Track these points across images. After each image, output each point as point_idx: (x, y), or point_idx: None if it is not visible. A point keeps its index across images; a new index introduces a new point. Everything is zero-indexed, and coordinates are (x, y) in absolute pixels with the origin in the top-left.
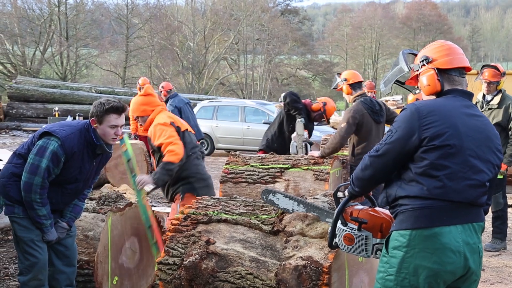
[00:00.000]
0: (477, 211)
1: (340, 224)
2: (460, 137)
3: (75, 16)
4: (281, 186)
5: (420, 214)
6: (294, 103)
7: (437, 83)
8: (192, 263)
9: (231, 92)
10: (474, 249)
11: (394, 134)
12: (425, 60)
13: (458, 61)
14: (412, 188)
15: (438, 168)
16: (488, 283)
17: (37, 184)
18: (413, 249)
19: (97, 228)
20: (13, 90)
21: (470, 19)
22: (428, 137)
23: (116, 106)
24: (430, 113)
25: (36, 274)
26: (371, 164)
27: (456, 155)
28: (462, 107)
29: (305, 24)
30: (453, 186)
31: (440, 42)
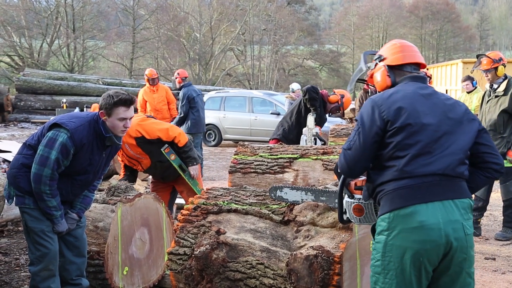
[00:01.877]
0: (457, 187)
1: (347, 198)
2: (418, 115)
3: (82, 8)
4: (290, 176)
5: (395, 195)
6: (313, 101)
7: (387, 78)
8: (203, 253)
9: (238, 83)
10: (456, 226)
11: (360, 130)
12: (378, 59)
13: (409, 57)
14: (385, 173)
15: (404, 148)
16: (499, 272)
17: (46, 175)
18: (392, 231)
19: (107, 219)
20: (21, 83)
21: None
22: (390, 120)
23: (125, 98)
24: (385, 100)
25: (47, 265)
26: (346, 161)
27: (419, 132)
28: (417, 89)
29: (311, 14)
30: (421, 161)
31: (393, 41)
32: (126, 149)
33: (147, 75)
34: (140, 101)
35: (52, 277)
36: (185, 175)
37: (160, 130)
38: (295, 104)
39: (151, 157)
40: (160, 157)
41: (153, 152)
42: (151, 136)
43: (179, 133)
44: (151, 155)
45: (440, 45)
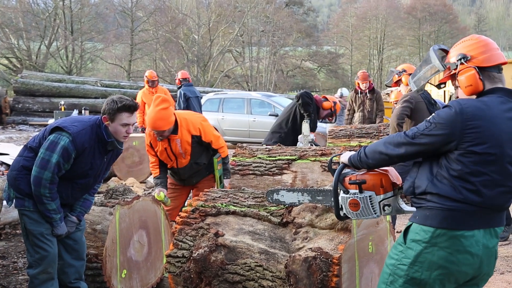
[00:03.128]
0: (500, 216)
1: (342, 194)
2: (501, 145)
3: (80, 10)
4: (288, 178)
5: (448, 215)
6: (306, 106)
7: (479, 82)
8: (201, 256)
9: (236, 85)
10: (491, 253)
11: (433, 129)
12: (463, 59)
13: (497, 58)
14: (445, 188)
15: (474, 174)
16: (498, 272)
17: (46, 178)
18: (433, 246)
19: (105, 222)
20: (19, 85)
21: (476, 8)
22: (469, 142)
23: (129, 104)
24: (475, 117)
25: (46, 268)
26: (403, 147)
27: (495, 162)
28: (507, 111)
29: (310, 15)
30: (487, 193)
31: (475, 38)
32: (175, 144)
33: (147, 77)
34: (139, 102)
35: (51, 280)
36: (220, 186)
37: (214, 136)
38: (288, 111)
39: (192, 158)
40: (198, 159)
41: (196, 154)
42: (206, 139)
43: (225, 144)
44: (193, 156)
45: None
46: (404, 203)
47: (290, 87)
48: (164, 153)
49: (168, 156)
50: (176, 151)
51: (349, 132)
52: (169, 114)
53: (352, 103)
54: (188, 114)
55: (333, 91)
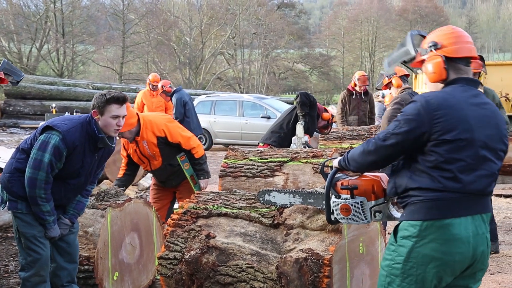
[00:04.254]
0: (485, 201)
1: (334, 198)
2: (471, 129)
3: (71, 12)
4: (280, 180)
5: (432, 205)
6: (302, 105)
7: (443, 71)
8: (193, 258)
9: (228, 87)
10: (482, 239)
11: (403, 125)
12: (433, 46)
13: (466, 50)
14: (424, 180)
15: (449, 162)
16: (488, 273)
17: (41, 179)
18: (423, 239)
19: (96, 224)
20: (10, 88)
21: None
22: (439, 131)
23: (117, 96)
24: (440, 106)
25: (38, 270)
26: (376, 151)
27: (467, 147)
28: (470, 97)
29: (301, 18)
30: (465, 178)
31: (450, 28)
32: (143, 146)
33: (150, 81)
34: (138, 103)
35: (43, 283)
36: (195, 187)
37: (182, 137)
38: (290, 112)
39: (163, 159)
40: (171, 160)
41: (167, 155)
42: (173, 140)
43: (198, 144)
44: (164, 157)
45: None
46: (396, 210)
47: (282, 90)
48: (135, 155)
49: (140, 158)
50: (145, 153)
51: (340, 134)
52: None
53: (345, 105)
54: (153, 115)
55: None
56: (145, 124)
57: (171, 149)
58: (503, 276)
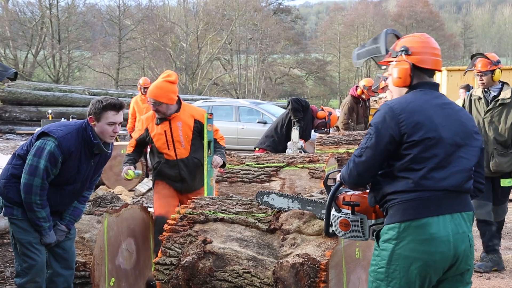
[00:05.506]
0: (464, 200)
1: (334, 211)
2: (436, 128)
3: (67, 18)
4: (276, 185)
5: (408, 206)
6: (295, 112)
7: (407, 78)
8: (189, 263)
9: (225, 92)
10: (463, 238)
11: (373, 137)
12: (404, 51)
13: (433, 63)
14: (399, 183)
15: (420, 161)
16: (484, 277)
17: (37, 185)
18: (402, 241)
19: (93, 230)
20: (6, 94)
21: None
22: (407, 133)
23: (114, 103)
24: (403, 110)
25: (34, 277)
26: (356, 168)
27: (436, 146)
28: (432, 99)
29: (297, 23)
30: (436, 175)
31: (424, 37)
32: (176, 127)
33: (141, 84)
34: (131, 110)
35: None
36: (209, 156)
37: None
38: (283, 116)
39: (192, 148)
40: (198, 154)
41: (197, 145)
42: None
43: (223, 138)
44: (193, 147)
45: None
46: None
47: (279, 95)
48: (162, 137)
49: (167, 141)
50: (176, 135)
51: (336, 139)
52: (171, 88)
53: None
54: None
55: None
56: (185, 106)
57: (201, 142)
58: (499, 281)
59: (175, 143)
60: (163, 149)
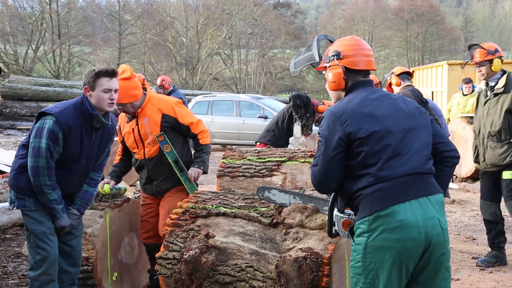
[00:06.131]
0: (428, 183)
1: (336, 212)
2: (380, 121)
3: (67, 14)
4: (278, 180)
5: (373, 198)
6: (297, 108)
7: (342, 81)
8: (192, 257)
9: (225, 87)
10: (433, 223)
11: (323, 144)
12: (336, 56)
13: (365, 64)
14: (360, 181)
15: (374, 155)
16: (486, 271)
17: (42, 166)
18: (373, 233)
19: (95, 225)
20: (6, 89)
21: (462, 9)
22: (352, 132)
23: (106, 69)
24: (344, 110)
25: (47, 269)
26: (315, 177)
27: (385, 136)
28: (369, 94)
29: (297, 18)
30: (393, 163)
31: (353, 40)
32: (143, 124)
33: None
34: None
35: (52, 282)
36: (182, 175)
37: (194, 119)
38: (284, 111)
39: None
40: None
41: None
42: (184, 121)
43: (207, 131)
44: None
45: (426, 47)
46: None
47: (279, 89)
48: (131, 136)
49: (135, 140)
50: (143, 132)
51: None
52: (129, 85)
53: None
54: (164, 95)
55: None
56: (152, 99)
57: (173, 135)
58: (501, 275)
59: (144, 141)
60: (133, 149)
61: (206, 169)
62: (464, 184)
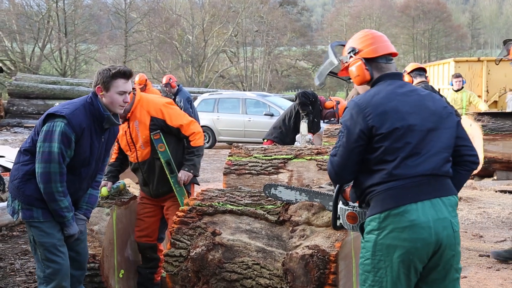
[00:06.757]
0: (443, 184)
1: (341, 205)
2: (403, 117)
3: (73, 12)
4: (284, 177)
5: (386, 196)
6: (303, 106)
7: (365, 72)
8: (199, 255)
9: (231, 85)
10: (445, 224)
11: (344, 134)
12: (352, 52)
13: (383, 48)
14: (375, 176)
15: (393, 152)
16: (494, 269)
17: (55, 171)
18: (383, 231)
19: (102, 222)
20: (13, 87)
21: (469, 6)
22: (375, 126)
23: (124, 70)
24: (368, 104)
25: (60, 282)
26: (333, 168)
27: (407, 134)
28: (396, 89)
29: (303, 15)
30: (410, 163)
31: (364, 32)
32: (133, 127)
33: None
34: None
35: None
36: (172, 177)
37: (183, 119)
38: (291, 108)
39: (153, 149)
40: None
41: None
42: (173, 123)
43: (199, 132)
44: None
45: (432, 44)
46: None
47: (285, 87)
48: (124, 138)
49: (128, 143)
50: (135, 135)
51: None
52: None
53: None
54: (153, 95)
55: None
56: (141, 101)
57: (165, 136)
58: (508, 272)
59: (135, 144)
60: (127, 151)
61: (196, 172)
62: (471, 181)
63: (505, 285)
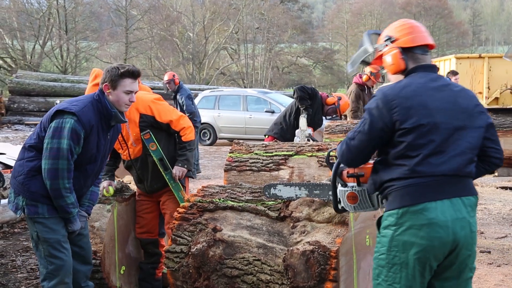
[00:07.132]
0: (464, 184)
1: (340, 187)
2: (431, 113)
3: (74, 9)
4: (285, 174)
5: (405, 192)
6: (301, 100)
7: (401, 61)
8: (200, 251)
9: (232, 82)
10: (463, 224)
11: (366, 122)
12: (389, 40)
13: (421, 39)
14: (395, 171)
15: (416, 148)
16: (494, 264)
17: (63, 168)
18: (401, 227)
19: (103, 219)
20: (14, 85)
21: (471, 3)
22: (399, 120)
23: (132, 70)
24: (396, 96)
25: (63, 278)
26: (348, 150)
27: (432, 131)
28: (428, 82)
29: (304, 12)
30: (433, 161)
31: (402, 21)
32: (124, 125)
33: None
34: None
35: None
36: (166, 174)
37: (172, 115)
38: (292, 104)
39: (144, 146)
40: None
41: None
42: (162, 119)
43: (190, 126)
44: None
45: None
46: None
47: (286, 84)
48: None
49: (119, 141)
50: (125, 133)
51: (345, 128)
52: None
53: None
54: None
55: (329, 87)
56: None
57: (155, 133)
58: (509, 268)
59: (127, 142)
60: (119, 149)
61: (190, 167)
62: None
63: (505, 281)
